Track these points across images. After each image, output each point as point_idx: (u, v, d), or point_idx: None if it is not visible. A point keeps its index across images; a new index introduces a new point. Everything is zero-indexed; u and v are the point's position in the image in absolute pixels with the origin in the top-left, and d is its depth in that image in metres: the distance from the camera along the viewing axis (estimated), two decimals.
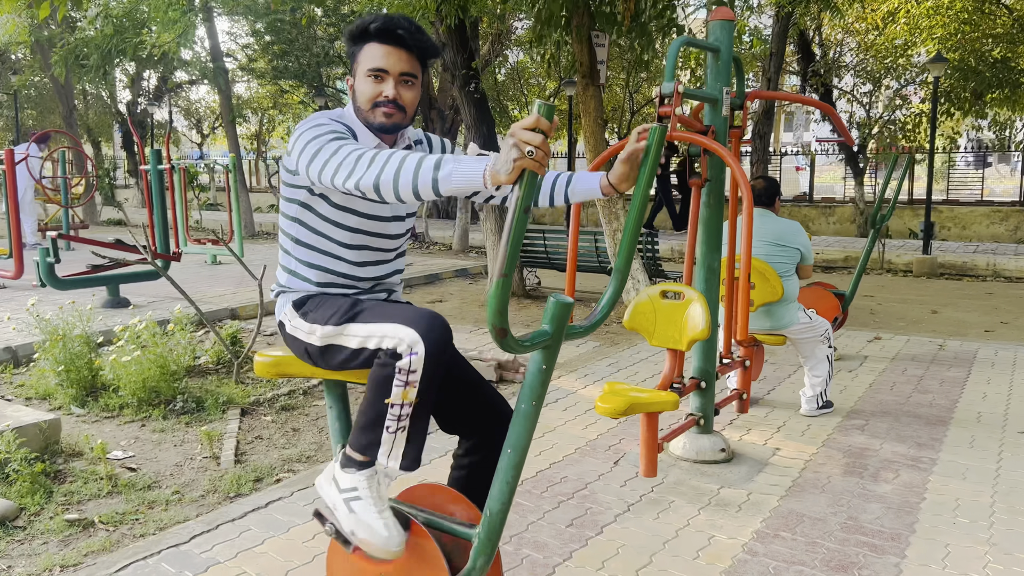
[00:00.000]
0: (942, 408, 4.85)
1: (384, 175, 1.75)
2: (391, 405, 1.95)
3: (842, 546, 3.07)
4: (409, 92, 2.11)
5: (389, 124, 2.10)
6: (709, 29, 3.82)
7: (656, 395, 3.31)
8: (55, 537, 3.20)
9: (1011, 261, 11.85)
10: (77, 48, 16.50)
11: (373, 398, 1.99)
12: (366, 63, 2.09)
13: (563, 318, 1.85)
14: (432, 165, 1.71)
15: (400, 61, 2.07)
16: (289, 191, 2.15)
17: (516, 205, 1.61)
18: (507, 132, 1.64)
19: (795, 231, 4.65)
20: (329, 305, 2.12)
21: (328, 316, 2.09)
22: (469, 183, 1.67)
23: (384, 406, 1.96)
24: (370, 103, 2.10)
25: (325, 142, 1.92)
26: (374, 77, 2.09)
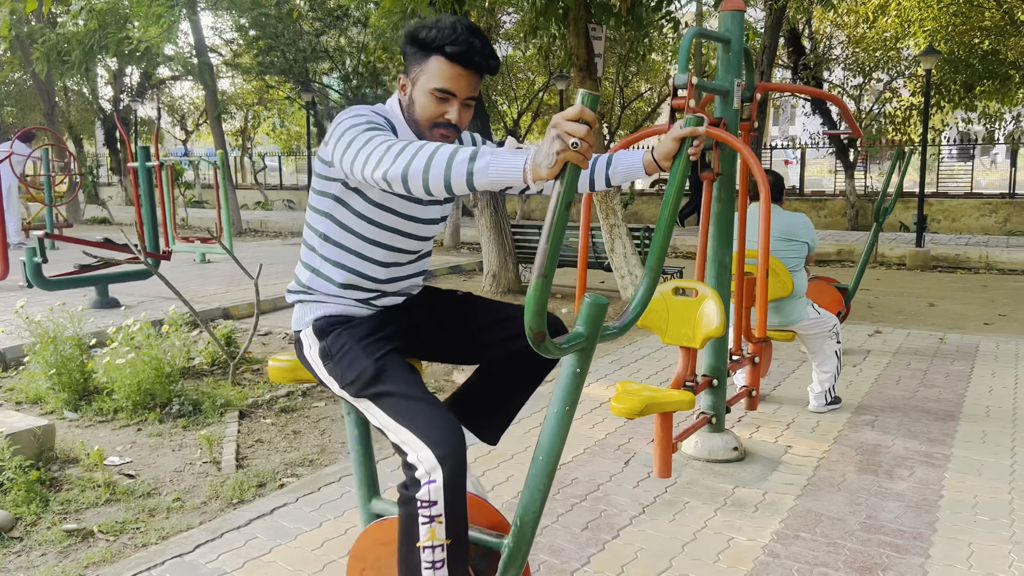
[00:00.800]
0: (950, 402, 4.81)
1: (413, 166, 1.65)
2: (423, 549, 1.87)
3: (864, 546, 3.01)
4: (468, 113, 2.03)
5: (441, 143, 2.01)
6: (719, 19, 3.74)
7: (672, 395, 3.24)
8: (53, 548, 3.08)
9: (1003, 253, 11.88)
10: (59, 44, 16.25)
11: (405, 547, 1.92)
12: (433, 80, 1.95)
13: (599, 319, 1.77)
14: (467, 157, 1.61)
15: (469, 86, 1.98)
16: (322, 184, 2.05)
17: (558, 201, 1.52)
18: (549, 123, 1.53)
19: (804, 225, 4.59)
20: (351, 361, 2.02)
21: (350, 379, 2.01)
22: (507, 177, 1.58)
23: (417, 552, 1.88)
24: (430, 122, 2.00)
25: (360, 131, 1.83)
26: (440, 98, 1.97)
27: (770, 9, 13.36)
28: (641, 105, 22.20)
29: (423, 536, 1.86)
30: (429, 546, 1.87)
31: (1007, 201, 15.82)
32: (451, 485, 1.85)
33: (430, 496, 1.84)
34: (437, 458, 1.83)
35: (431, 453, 1.84)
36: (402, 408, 1.94)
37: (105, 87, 26.18)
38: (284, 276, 10.15)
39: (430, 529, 1.86)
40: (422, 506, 1.85)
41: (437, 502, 1.84)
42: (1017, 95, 15.90)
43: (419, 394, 1.95)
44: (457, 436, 1.87)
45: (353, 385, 2.00)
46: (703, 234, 3.85)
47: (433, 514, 1.85)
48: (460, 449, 1.86)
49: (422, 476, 1.85)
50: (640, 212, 18.90)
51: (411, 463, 1.88)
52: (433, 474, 1.84)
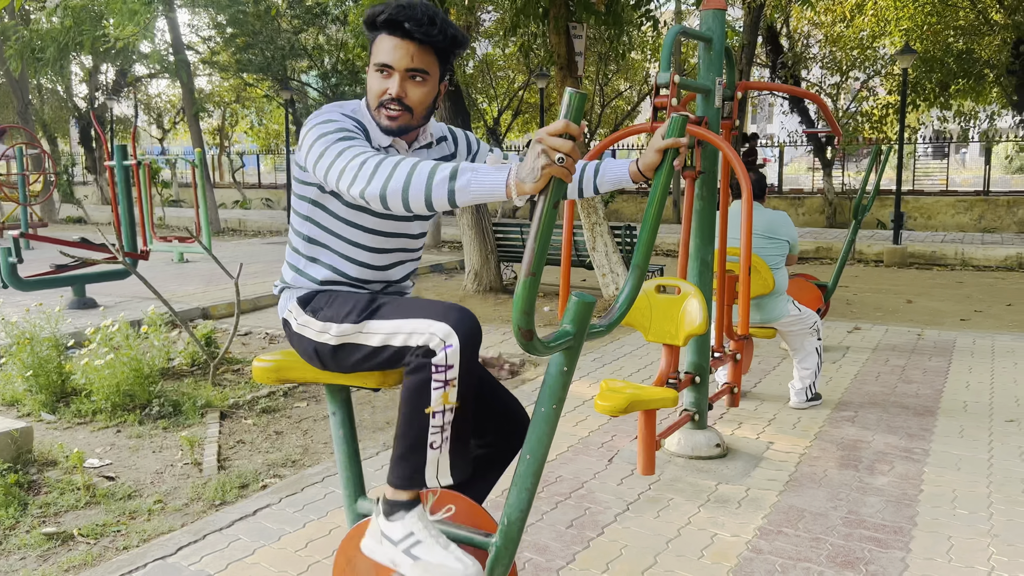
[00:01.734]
0: (928, 398, 4.86)
1: (391, 185, 1.62)
2: (432, 414, 1.82)
3: (846, 541, 3.03)
4: (418, 90, 1.93)
5: (394, 127, 1.95)
6: (701, 18, 3.75)
7: (655, 392, 3.25)
8: (33, 552, 3.04)
9: (978, 250, 12.04)
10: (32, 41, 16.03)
11: (411, 413, 1.86)
12: (374, 57, 1.93)
13: (586, 317, 1.77)
14: (448, 175, 1.58)
15: (407, 56, 1.89)
16: (301, 188, 2.02)
17: (545, 202, 1.52)
18: (534, 138, 1.51)
19: (784, 222, 4.62)
20: (343, 301, 1.99)
21: (344, 313, 1.96)
22: (489, 194, 1.56)
23: (425, 419, 1.83)
24: (376, 101, 1.95)
25: (332, 141, 1.79)
26: (380, 72, 1.93)
27: (748, 8, 13.45)
28: (621, 103, 22.26)
29: (435, 401, 1.83)
30: (440, 410, 1.84)
31: (981, 199, 16.04)
32: (467, 349, 1.82)
33: (447, 360, 1.81)
34: (451, 325, 1.81)
35: (444, 324, 1.82)
36: (405, 306, 1.91)
37: (80, 85, 25.88)
38: (263, 275, 10.09)
39: (443, 394, 1.82)
40: (437, 371, 1.81)
41: (453, 366, 1.81)
42: (991, 94, 16.13)
43: (416, 301, 1.94)
44: (465, 308, 1.86)
45: (350, 315, 1.96)
46: (685, 232, 3.87)
47: (448, 378, 1.81)
48: (473, 320, 1.84)
49: (437, 345, 1.82)
50: (621, 211, 18.96)
51: (422, 344, 1.84)
52: (449, 339, 1.81)
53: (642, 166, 2.01)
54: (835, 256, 12.85)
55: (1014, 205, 15.50)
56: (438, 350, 1.82)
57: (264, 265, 11.24)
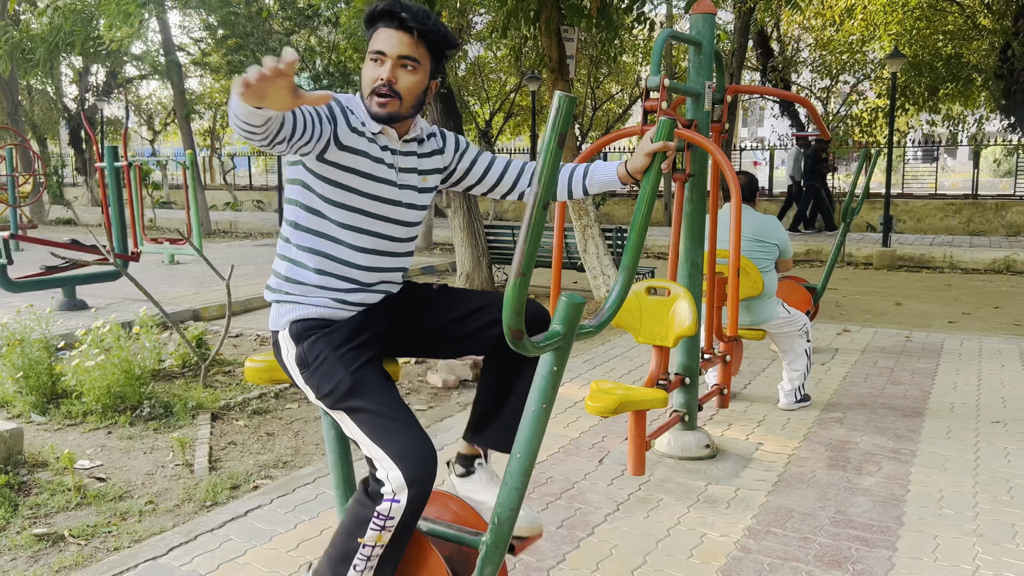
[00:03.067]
0: (916, 399, 4.91)
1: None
2: (363, 545, 1.92)
3: (834, 540, 3.06)
4: (409, 77, 2.01)
5: (384, 114, 2.02)
6: (691, 22, 3.79)
7: (646, 393, 3.27)
8: (24, 553, 3.04)
9: (967, 253, 12.13)
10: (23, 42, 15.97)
11: (345, 533, 1.97)
12: (370, 47, 2.02)
13: (575, 318, 1.79)
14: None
15: (400, 44, 1.99)
16: (288, 170, 2.08)
17: (534, 202, 1.54)
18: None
19: (773, 226, 4.66)
20: (327, 371, 2.01)
21: (326, 390, 2.01)
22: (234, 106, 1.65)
23: (356, 544, 1.93)
24: (369, 87, 2.02)
25: None
26: (373, 60, 2.02)
27: (739, 12, 13.52)
28: (612, 107, 22.32)
29: (368, 536, 1.91)
30: (370, 545, 1.92)
31: (970, 202, 16.14)
32: (412, 508, 1.89)
33: (390, 512, 1.89)
34: (406, 480, 1.86)
35: (400, 474, 1.87)
36: (377, 425, 1.94)
37: (70, 86, 25.78)
38: (254, 277, 10.08)
39: (377, 535, 1.91)
40: (378, 516, 1.90)
41: (394, 518, 1.89)
42: (979, 98, 16.24)
43: (395, 413, 1.95)
44: (430, 459, 1.90)
45: (329, 397, 2.01)
46: (675, 234, 3.90)
47: (386, 525, 1.90)
48: (430, 472, 1.89)
49: (388, 493, 1.89)
50: (612, 213, 19.01)
51: (379, 478, 1.92)
52: (399, 494, 1.87)
53: (631, 169, 2.05)
54: (825, 258, 12.92)
55: (1002, 208, 15.61)
56: (386, 497, 1.89)
57: (255, 267, 11.22)
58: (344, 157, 2.01)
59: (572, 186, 2.19)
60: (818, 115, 4.33)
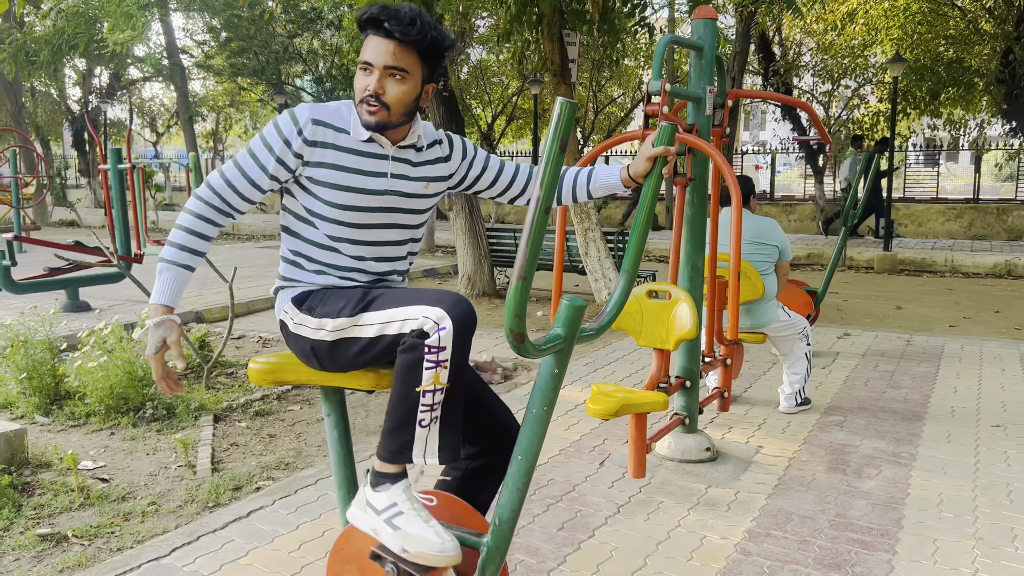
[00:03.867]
0: (916, 403, 4.92)
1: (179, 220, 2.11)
2: (423, 393, 1.86)
3: (833, 544, 3.08)
4: (397, 87, 2.00)
5: (372, 122, 2.02)
6: (692, 27, 3.81)
7: (646, 396, 3.29)
8: (27, 553, 3.06)
9: (968, 257, 12.13)
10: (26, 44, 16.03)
11: (402, 390, 1.90)
12: (360, 54, 2.04)
13: (577, 321, 1.81)
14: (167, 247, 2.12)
15: (387, 54, 1.98)
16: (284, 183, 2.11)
17: (536, 206, 1.56)
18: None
19: (772, 228, 4.68)
20: (338, 297, 2.03)
21: (339, 308, 2.01)
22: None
23: (415, 396, 1.87)
24: (358, 97, 2.04)
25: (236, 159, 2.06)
26: (363, 70, 2.03)
27: (741, 16, 13.54)
28: (614, 110, 22.34)
29: (426, 380, 1.87)
30: (431, 390, 1.87)
31: (971, 206, 16.15)
32: (460, 331, 1.85)
33: (440, 342, 1.85)
34: (445, 309, 1.85)
35: (438, 308, 1.86)
36: (398, 296, 1.95)
37: (73, 88, 25.84)
38: (257, 279, 10.10)
39: (435, 374, 1.86)
40: (430, 351, 1.85)
41: (446, 347, 1.85)
42: (981, 102, 16.24)
43: (411, 289, 1.97)
44: (462, 297, 1.89)
45: (345, 309, 2.00)
46: (676, 238, 3.92)
47: (440, 359, 1.85)
48: (466, 305, 1.88)
49: (431, 328, 1.86)
50: (613, 216, 19.03)
51: (416, 328, 1.88)
52: (443, 322, 1.85)
53: (633, 173, 2.06)
54: (826, 262, 12.93)
55: (1003, 213, 15.62)
56: (432, 332, 1.85)
57: (258, 269, 11.25)
58: (318, 172, 2.04)
59: (575, 190, 2.21)
60: (819, 119, 4.35)
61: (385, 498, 1.96)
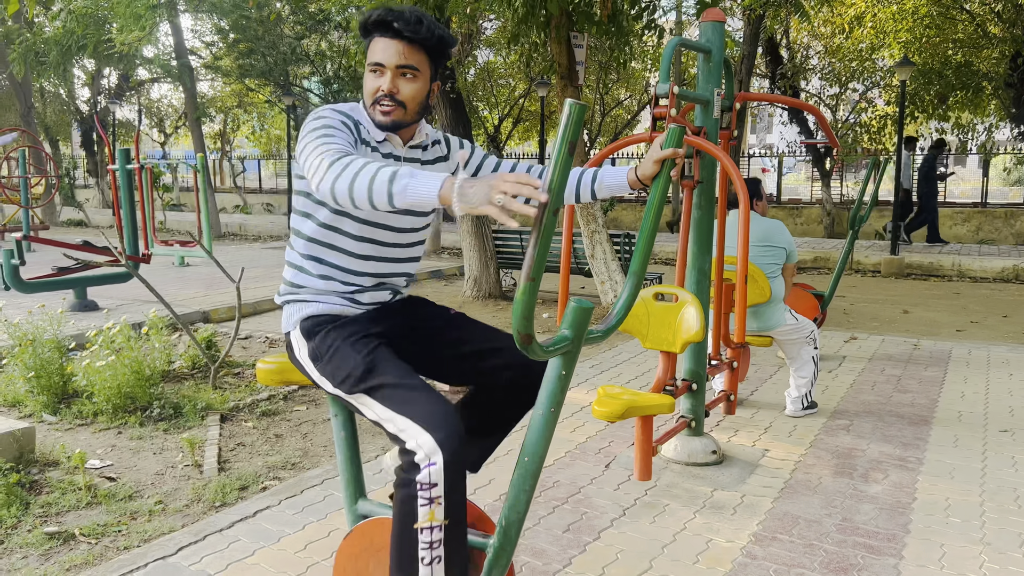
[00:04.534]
0: (923, 407, 4.90)
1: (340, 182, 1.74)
2: (421, 531, 1.86)
3: (840, 548, 3.07)
4: (409, 86, 2.03)
5: (388, 122, 2.05)
6: (701, 30, 3.80)
7: (653, 398, 3.29)
8: (35, 551, 3.07)
9: (975, 261, 12.09)
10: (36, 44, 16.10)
11: (401, 528, 1.91)
12: (368, 58, 2.05)
13: (584, 323, 1.81)
14: (387, 178, 1.68)
15: (398, 54, 2.01)
16: (298, 183, 2.10)
17: (545, 209, 1.56)
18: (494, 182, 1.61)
19: (779, 230, 4.67)
20: (341, 359, 2.03)
21: (341, 377, 2.03)
22: (423, 199, 1.66)
23: (414, 533, 1.88)
24: (371, 98, 2.05)
25: (314, 138, 1.89)
26: (373, 72, 2.05)
27: (748, 19, 13.53)
28: (621, 113, 22.33)
29: (421, 518, 1.86)
30: (427, 527, 1.87)
31: (979, 210, 16.10)
32: (451, 467, 1.86)
33: (430, 478, 1.85)
34: (436, 442, 1.85)
35: (430, 437, 1.85)
36: (397, 397, 1.95)
37: (82, 88, 25.95)
38: (264, 280, 10.13)
39: (429, 511, 1.86)
40: (422, 488, 1.85)
41: (437, 484, 1.85)
42: (989, 106, 16.20)
43: (413, 382, 1.97)
44: (454, 420, 1.89)
45: (346, 383, 2.02)
46: (683, 240, 3.92)
47: (433, 496, 1.85)
48: (458, 432, 1.88)
49: (422, 460, 1.86)
50: (620, 219, 19.02)
51: (410, 449, 1.89)
52: (433, 457, 1.84)
53: (640, 175, 2.07)
54: (833, 266, 12.90)
55: (1011, 217, 15.57)
56: (422, 465, 1.85)
57: (265, 269, 11.27)
58: None
59: (580, 190, 2.21)
60: (826, 123, 4.34)
61: None
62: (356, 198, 1.72)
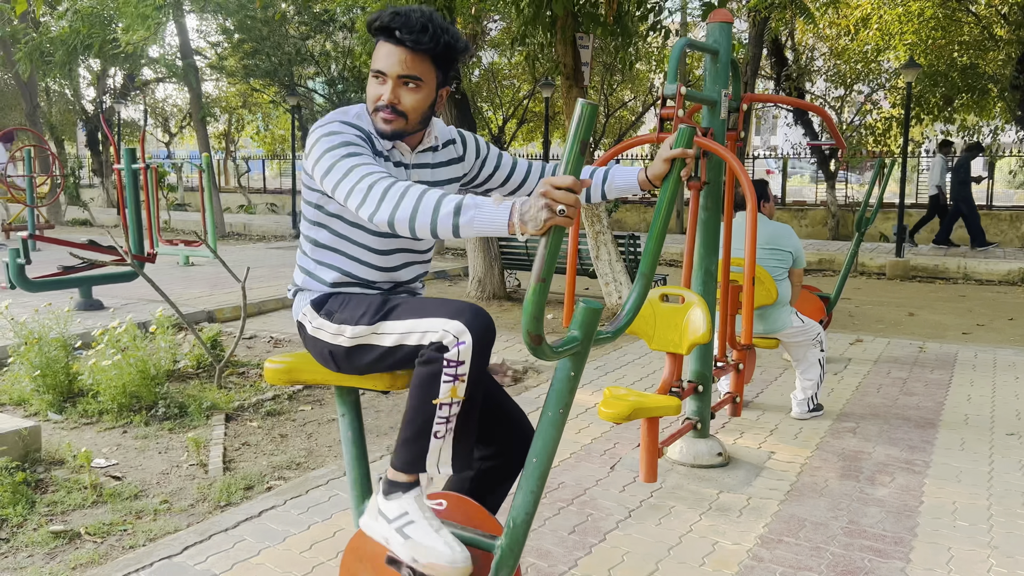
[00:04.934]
0: (929, 410, 4.89)
1: (399, 214, 1.70)
2: (439, 406, 1.87)
3: (847, 551, 3.06)
4: (411, 96, 1.98)
5: (388, 131, 2.00)
6: (708, 31, 3.80)
7: (659, 400, 3.28)
8: (41, 550, 3.07)
9: (981, 264, 12.06)
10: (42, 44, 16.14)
11: (419, 402, 1.90)
12: (372, 62, 2.01)
13: (593, 324, 1.81)
14: (452, 210, 1.65)
15: (400, 63, 1.95)
16: (308, 193, 2.07)
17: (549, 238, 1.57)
18: (541, 188, 1.58)
19: (787, 234, 4.66)
20: (357, 303, 2.03)
21: (359, 315, 2.01)
22: (491, 230, 1.64)
23: (432, 408, 1.87)
24: (372, 106, 2.01)
25: (339, 157, 1.85)
26: (376, 78, 1.99)
27: (754, 21, 13.52)
28: (625, 114, 22.33)
29: (443, 393, 1.86)
30: (447, 403, 1.87)
31: (984, 212, 16.04)
32: (479, 348, 1.85)
33: (459, 356, 1.85)
34: (465, 323, 1.85)
35: (458, 322, 1.85)
36: (419, 306, 1.95)
37: (87, 88, 26.01)
38: (268, 280, 10.13)
39: (452, 387, 1.86)
40: (448, 365, 1.85)
41: (465, 362, 1.85)
42: (994, 109, 16.16)
43: (430, 300, 1.97)
44: (480, 309, 1.89)
45: (364, 316, 2.00)
46: (690, 242, 3.91)
47: (459, 373, 1.85)
48: (486, 319, 1.87)
49: (450, 342, 1.85)
50: (624, 220, 19.01)
51: (436, 340, 1.88)
52: (462, 336, 1.84)
53: (651, 175, 2.06)
54: (838, 267, 12.88)
55: (1017, 220, 15.52)
56: (451, 346, 1.85)
57: (269, 269, 11.28)
58: None
59: (590, 190, 2.20)
60: (834, 125, 4.33)
61: (397, 507, 1.97)
62: (417, 230, 1.70)
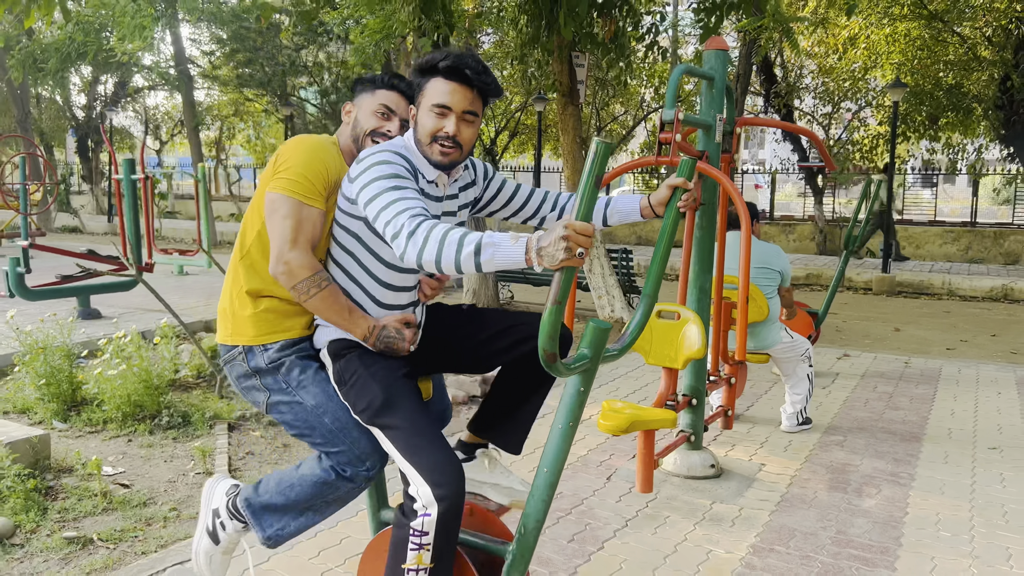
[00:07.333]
0: (914, 424, 5.03)
1: (426, 255, 1.84)
2: (407, 571, 2.02)
3: (835, 560, 3.18)
4: (468, 129, 2.13)
5: (446, 162, 2.14)
6: (704, 58, 3.94)
7: (656, 413, 3.40)
8: (55, 555, 3.16)
9: (965, 280, 12.28)
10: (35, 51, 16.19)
11: (393, 561, 2.09)
12: (431, 97, 2.11)
13: (602, 342, 1.93)
14: (472, 251, 1.79)
15: (464, 99, 2.10)
16: (346, 219, 2.17)
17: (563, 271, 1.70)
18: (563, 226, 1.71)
19: (776, 254, 4.80)
20: (362, 389, 2.15)
21: (361, 407, 2.15)
22: (510, 264, 1.78)
23: (402, 571, 2.03)
24: (430, 137, 2.12)
25: (385, 188, 1.98)
26: (438, 113, 2.11)
27: (743, 39, 13.73)
28: (616, 128, 22.53)
29: (410, 559, 2.02)
30: (413, 569, 2.02)
31: (969, 229, 16.32)
32: (444, 522, 2.00)
33: (423, 527, 2.00)
34: (435, 496, 1.99)
35: (430, 491, 1.99)
36: (408, 442, 2.08)
37: (78, 95, 26.00)
38: None
39: (417, 555, 2.01)
40: (413, 534, 2.01)
41: (428, 533, 2.00)
42: (979, 127, 16.44)
43: (424, 430, 2.09)
44: (457, 477, 2.02)
45: (364, 413, 2.15)
46: (685, 260, 4.04)
47: (423, 543, 2.01)
48: (459, 490, 2.01)
49: (419, 508, 2.01)
50: (615, 233, 19.18)
51: (411, 494, 2.05)
52: (429, 508, 2.00)
53: (654, 202, 2.19)
54: (825, 283, 13.07)
55: (1000, 237, 15.79)
56: (419, 513, 2.01)
57: None
58: None
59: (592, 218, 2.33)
60: (824, 147, 4.48)
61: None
62: (443, 267, 1.83)
